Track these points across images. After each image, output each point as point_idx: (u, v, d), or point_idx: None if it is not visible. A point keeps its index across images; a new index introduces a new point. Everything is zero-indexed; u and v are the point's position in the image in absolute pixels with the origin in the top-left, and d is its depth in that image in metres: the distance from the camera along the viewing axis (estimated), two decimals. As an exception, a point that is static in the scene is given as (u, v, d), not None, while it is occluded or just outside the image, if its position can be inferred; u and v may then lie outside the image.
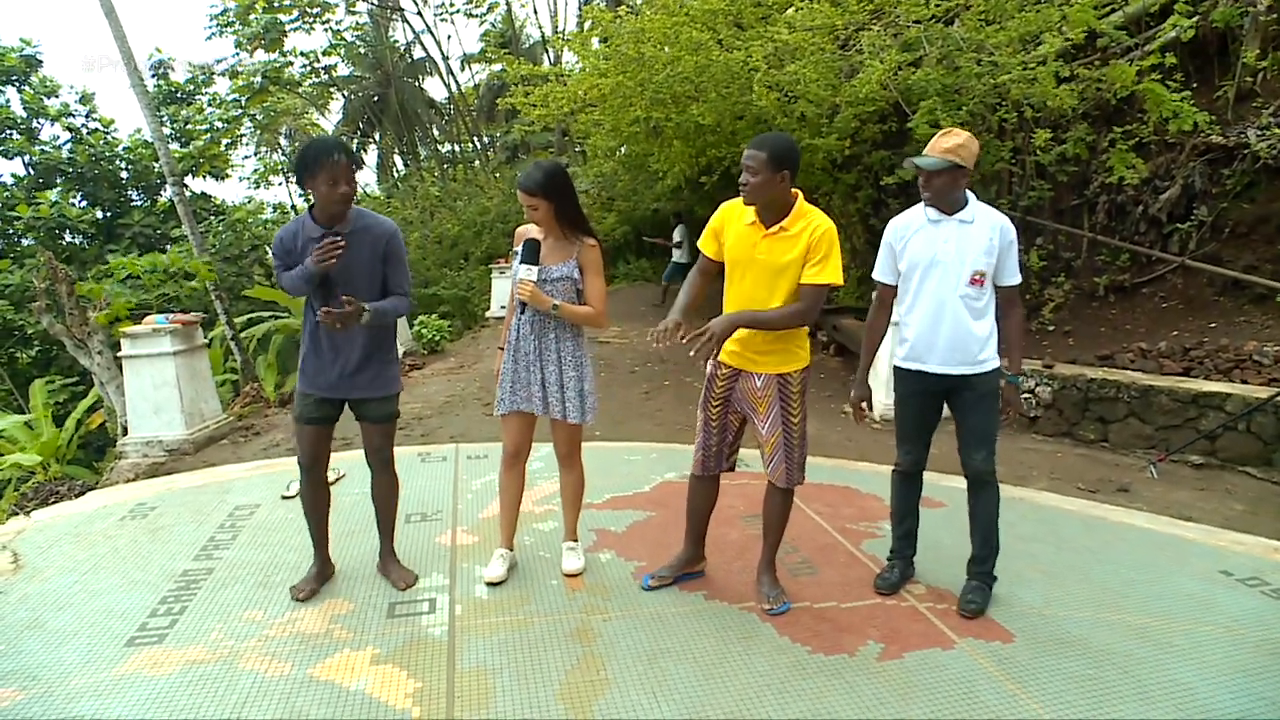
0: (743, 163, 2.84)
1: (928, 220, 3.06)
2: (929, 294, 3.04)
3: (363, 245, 2.99)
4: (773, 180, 2.80)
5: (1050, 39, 6.22)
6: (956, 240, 3.00)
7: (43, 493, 5.53)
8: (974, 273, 2.97)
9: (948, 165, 2.92)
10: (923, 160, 2.97)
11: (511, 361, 3.23)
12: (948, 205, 3.01)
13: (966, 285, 2.98)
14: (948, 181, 2.96)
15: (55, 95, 16.08)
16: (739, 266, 2.97)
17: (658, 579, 3.36)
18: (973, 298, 2.99)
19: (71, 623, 3.01)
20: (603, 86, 7.83)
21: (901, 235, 3.13)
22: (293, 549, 3.67)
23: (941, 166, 2.92)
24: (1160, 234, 7.52)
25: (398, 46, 22.89)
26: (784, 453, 3.05)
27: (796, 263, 2.86)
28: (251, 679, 2.67)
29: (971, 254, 2.98)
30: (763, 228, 2.91)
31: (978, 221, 3.00)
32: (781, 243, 2.88)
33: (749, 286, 2.96)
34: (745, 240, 2.94)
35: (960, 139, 2.94)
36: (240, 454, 5.60)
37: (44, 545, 3.76)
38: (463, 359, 9.60)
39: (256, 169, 22.57)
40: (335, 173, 2.85)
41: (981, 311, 3.01)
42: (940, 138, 2.98)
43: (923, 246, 3.05)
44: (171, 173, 10.33)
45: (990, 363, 3.04)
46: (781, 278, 2.89)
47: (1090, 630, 3.08)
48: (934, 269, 3.03)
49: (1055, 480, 4.90)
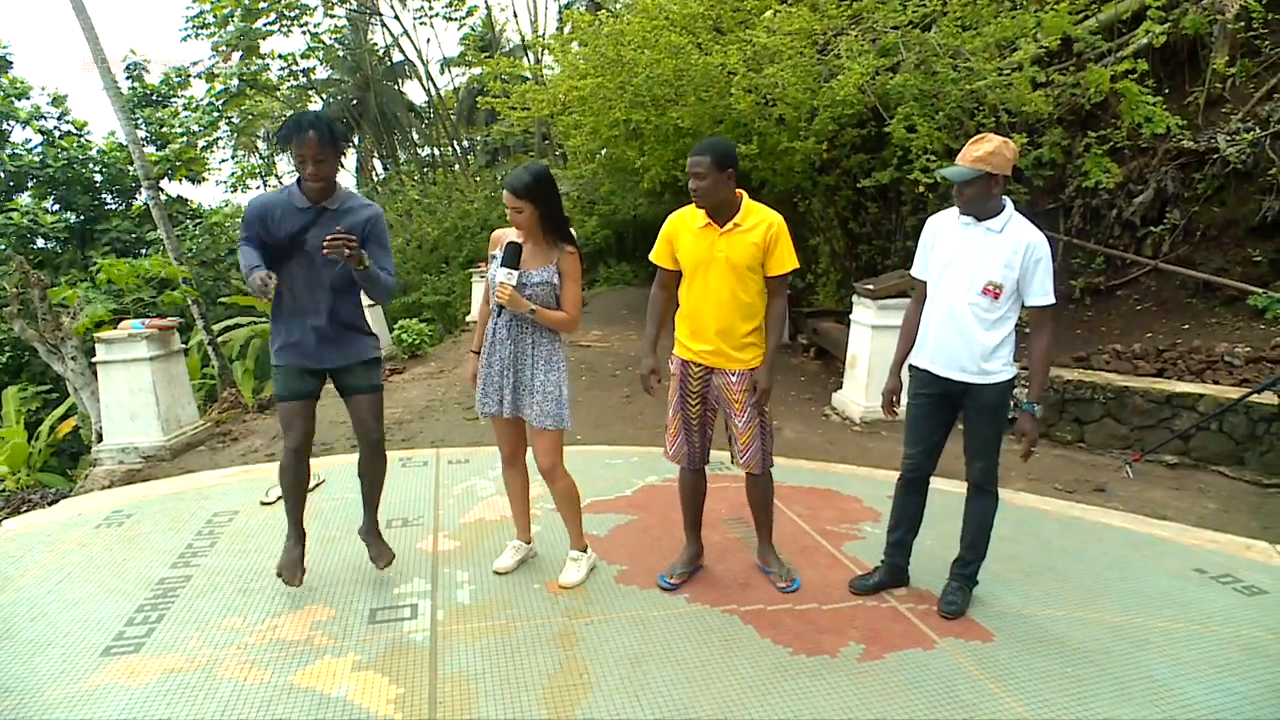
0: (689, 170, 2.97)
1: (958, 223, 3.02)
2: (942, 296, 3.04)
3: (346, 225, 2.92)
4: (720, 180, 2.96)
5: (1026, 45, 6.30)
6: (977, 247, 2.94)
7: (14, 501, 5.44)
8: (987, 283, 2.90)
9: (978, 175, 2.83)
10: (951, 171, 2.91)
11: (487, 365, 3.22)
12: (980, 212, 2.94)
13: (977, 294, 2.92)
14: (980, 190, 2.87)
15: (26, 98, 15.84)
16: (700, 267, 3.08)
17: (676, 577, 3.39)
18: (983, 308, 2.92)
19: (45, 633, 2.96)
20: (582, 88, 7.84)
21: (933, 234, 3.12)
22: (272, 555, 3.61)
23: (971, 176, 2.85)
24: (1134, 237, 7.66)
25: (377, 50, 22.80)
26: (759, 443, 3.20)
27: (756, 258, 3.02)
28: (231, 687, 2.64)
29: (988, 264, 2.90)
30: (717, 227, 3.04)
31: (1006, 233, 2.90)
32: (739, 237, 3.02)
33: (713, 284, 3.06)
34: (702, 241, 3.07)
35: (991, 146, 2.84)
36: (218, 460, 5.53)
37: (16, 555, 3.69)
38: (443, 364, 9.54)
39: (234, 172, 22.41)
40: (304, 149, 2.79)
41: (993, 324, 2.93)
42: (971, 145, 2.89)
43: (946, 248, 3.04)
44: (147, 176, 10.22)
45: (995, 375, 2.97)
46: (743, 272, 3.03)
47: (1068, 628, 3.12)
48: (950, 272, 3.01)
49: (1033, 481, 4.95)
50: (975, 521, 3.18)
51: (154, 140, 16.46)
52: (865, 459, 5.32)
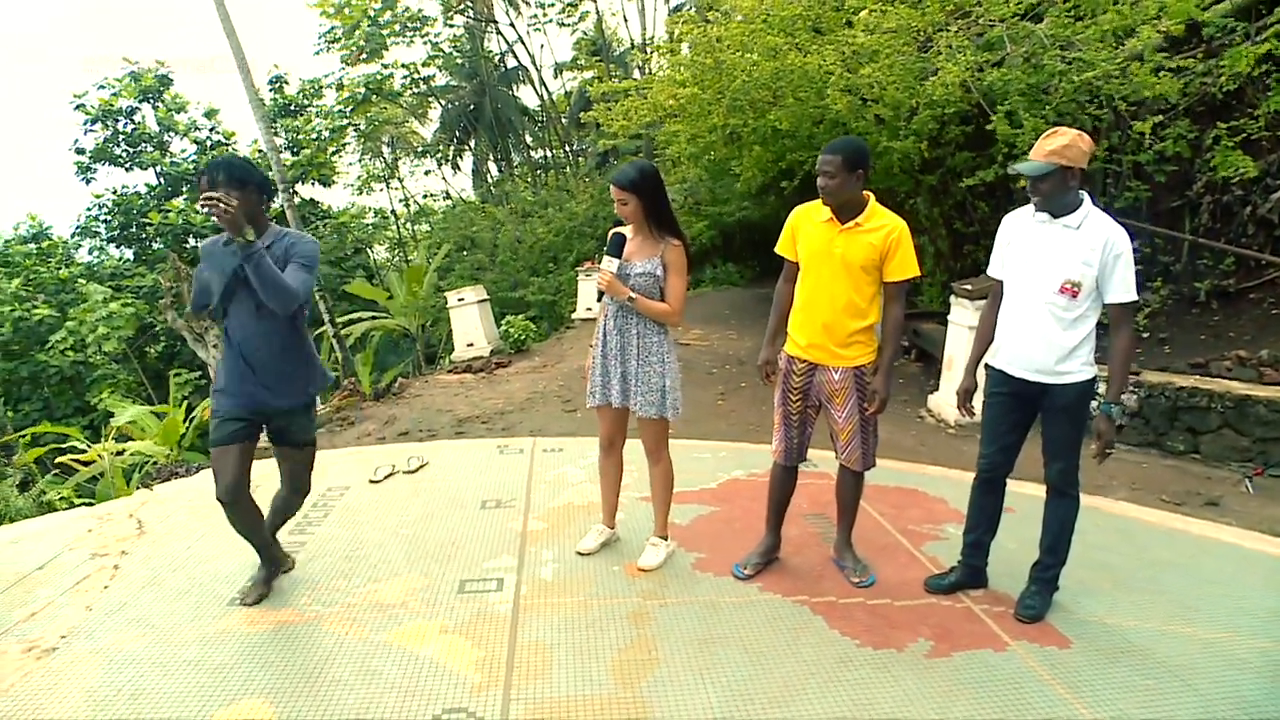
0: (819, 167, 3.01)
1: (1034, 220, 2.98)
2: (1018, 295, 3.01)
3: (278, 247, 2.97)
4: (849, 180, 3.00)
5: (1145, 31, 5.97)
6: (1055, 245, 2.89)
7: (164, 472, 6.08)
8: (1065, 281, 2.84)
9: (1052, 169, 2.78)
10: (1025, 166, 2.86)
11: (600, 356, 3.39)
12: (1057, 208, 2.89)
13: (1055, 293, 2.87)
14: (1055, 185, 2.82)
15: (184, 111, 17.41)
16: (815, 260, 3.14)
17: (751, 568, 3.48)
18: (1060, 307, 2.86)
19: (183, 582, 3.39)
20: (680, 97, 7.97)
21: (1009, 232, 3.10)
22: (376, 528, 3.96)
23: (1045, 171, 2.80)
24: (1270, 236, 7.10)
25: (492, 56, 23.65)
26: (860, 439, 3.22)
27: (873, 260, 3.03)
28: (333, 640, 2.95)
29: (1067, 261, 2.84)
30: (839, 224, 3.08)
31: (1084, 229, 2.84)
32: (858, 237, 3.04)
33: (826, 280, 3.11)
34: (822, 236, 3.11)
35: (1066, 139, 2.78)
36: (335, 441, 6.00)
37: (164, 516, 4.20)
38: (546, 359, 9.89)
39: (360, 175, 23.80)
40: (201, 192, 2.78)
41: (1072, 323, 2.87)
42: (1044, 139, 2.85)
43: (1022, 247, 3.01)
44: (282, 180, 11.07)
45: (1072, 376, 2.91)
46: (857, 272, 3.05)
47: (1154, 641, 3.01)
48: (1026, 271, 2.98)
49: (1136, 491, 4.73)
50: (1054, 525, 3.11)
51: (290, 147, 17.77)
52: (957, 461, 5.22)
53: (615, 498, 3.70)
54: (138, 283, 15.28)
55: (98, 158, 16.68)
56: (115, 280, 15.28)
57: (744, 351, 8.94)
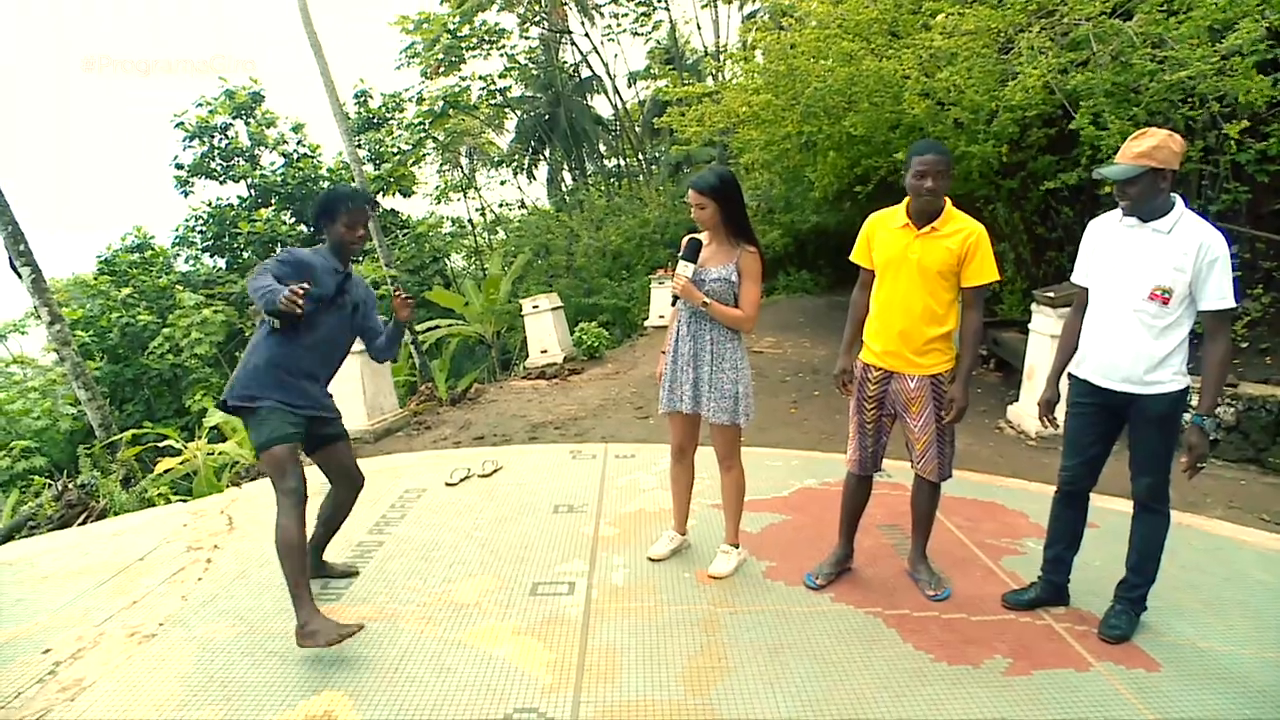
0: (928, 168, 2.91)
1: (1122, 225, 2.89)
2: (1104, 303, 2.92)
3: (358, 284, 3.29)
4: (949, 181, 2.98)
5: (1247, 25, 5.66)
6: (1144, 250, 2.78)
7: (253, 472, 6.39)
8: (1155, 287, 2.73)
9: (1141, 171, 2.69)
10: (1111, 170, 2.76)
11: (671, 362, 3.43)
12: (1146, 212, 2.78)
13: (1144, 300, 2.76)
14: (1145, 188, 2.72)
15: (274, 126, 18.24)
16: (891, 266, 3.09)
17: (823, 578, 3.46)
18: (1151, 314, 2.75)
19: (271, 576, 3.53)
20: (754, 104, 7.95)
21: (1094, 238, 3.01)
22: (451, 530, 4.07)
23: (1134, 174, 2.70)
24: (1387, 240, 6.64)
25: (566, 67, 24.03)
26: (936, 449, 3.16)
27: (950, 265, 2.98)
28: (410, 637, 3.05)
29: (1157, 267, 2.74)
30: (915, 229, 3.02)
31: (1175, 233, 2.73)
32: (935, 242, 2.99)
33: (902, 286, 3.06)
34: (898, 241, 3.06)
35: (1155, 140, 2.69)
36: (412, 445, 6.20)
37: (252, 512, 4.41)
38: (619, 365, 9.98)
39: (438, 186, 24.45)
40: (361, 219, 3.17)
41: (1162, 331, 2.76)
42: (1132, 141, 2.75)
43: (1109, 253, 2.91)
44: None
45: (1161, 386, 2.80)
46: (934, 277, 3.00)
47: (1252, 668, 2.86)
48: (1113, 277, 2.88)
49: (1233, 509, 4.49)
50: (1141, 542, 2.99)
51: (372, 159, 18.42)
52: (1038, 474, 5.04)
53: (686, 504, 3.72)
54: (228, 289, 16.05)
55: (195, 172, 17.61)
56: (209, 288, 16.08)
57: (817, 359, 8.84)
